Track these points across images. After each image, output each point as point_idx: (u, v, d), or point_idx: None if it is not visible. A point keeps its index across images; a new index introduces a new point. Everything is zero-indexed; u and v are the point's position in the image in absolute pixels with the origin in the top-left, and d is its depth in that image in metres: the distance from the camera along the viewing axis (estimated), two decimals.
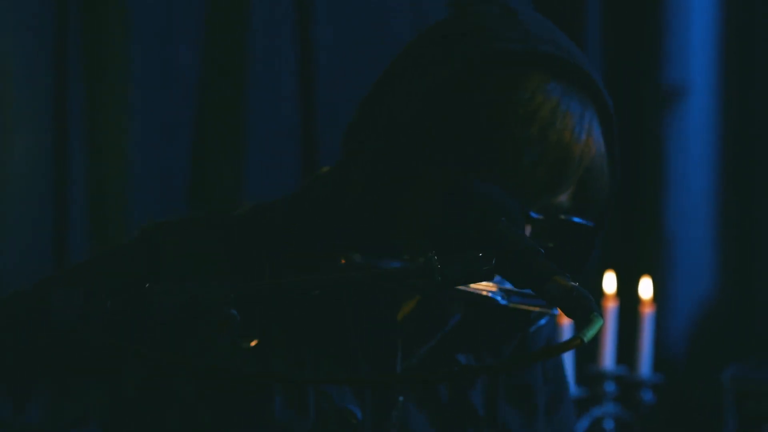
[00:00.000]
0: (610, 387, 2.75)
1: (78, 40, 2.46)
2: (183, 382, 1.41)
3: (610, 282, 2.76)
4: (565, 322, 2.64)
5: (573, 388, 2.69)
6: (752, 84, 2.97)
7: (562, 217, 1.38)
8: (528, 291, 1.36)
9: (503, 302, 1.42)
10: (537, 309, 1.45)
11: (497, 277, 1.34)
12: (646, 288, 2.77)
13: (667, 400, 2.86)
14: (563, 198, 1.38)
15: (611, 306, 2.73)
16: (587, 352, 2.68)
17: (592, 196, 1.41)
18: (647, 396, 2.76)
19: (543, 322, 1.53)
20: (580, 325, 1.16)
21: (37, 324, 1.38)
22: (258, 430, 1.39)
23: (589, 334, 1.14)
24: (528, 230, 1.37)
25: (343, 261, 1.32)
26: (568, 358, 2.68)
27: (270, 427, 1.39)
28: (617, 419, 2.77)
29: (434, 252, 1.22)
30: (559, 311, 1.34)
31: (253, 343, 1.25)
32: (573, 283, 1.19)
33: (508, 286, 1.40)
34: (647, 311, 2.76)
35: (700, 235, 2.97)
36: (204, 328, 1.26)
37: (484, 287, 1.41)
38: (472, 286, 1.38)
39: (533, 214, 1.36)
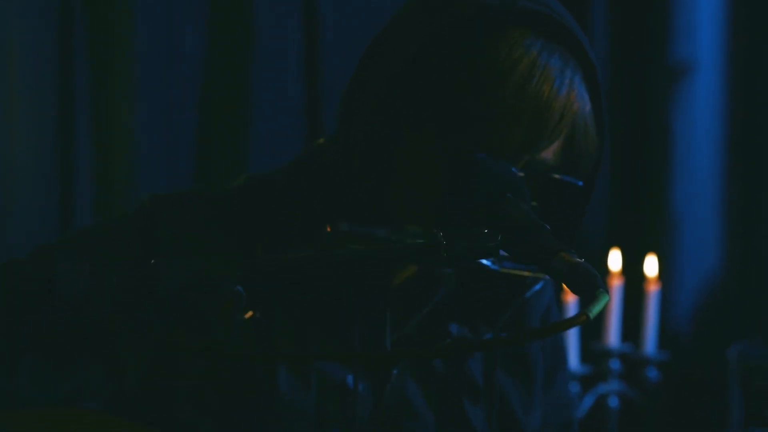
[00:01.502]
0: (615, 364, 2.75)
1: (83, 20, 2.46)
2: (188, 361, 1.41)
3: (615, 260, 2.76)
4: (570, 299, 2.64)
5: (578, 365, 2.69)
6: (760, 61, 2.97)
7: (549, 175, 1.38)
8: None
9: (494, 267, 1.42)
10: (529, 274, 1.45)
11: None
12: (651, 266, 2.77)
13: (673, 377, 2.86)
14: (548, 155, 1.38)
15: (617, 284, 2.74)
16: (592, 329, 2.68)
17: (578, 154, 1.41)
18: (652, 373, 2.77)
19: (538, 287, 1.52)
20: (585, 302, 1.16)
21: (42, 297, 1.38)
22: (263, 407, 1.40)
23: (595, 311, 1.14)
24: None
25: (328, 229, 1.32)
26: (573, 336, 2.69)
27: (275, 403, 1.40)
28: (622, 397, 2.78)
29: (440, 229, 1.23)
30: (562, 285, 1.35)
31: (248, 315, 1.25)
32: (579, 260, 1.19)
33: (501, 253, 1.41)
34: (652, 289, 2.76)
35: (706, 213, 2.97)
36: (209, 304, 1.27)
37: None
38: None
39: (515, 170, 1.35)
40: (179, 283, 1.20)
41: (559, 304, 2.57)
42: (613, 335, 2.74)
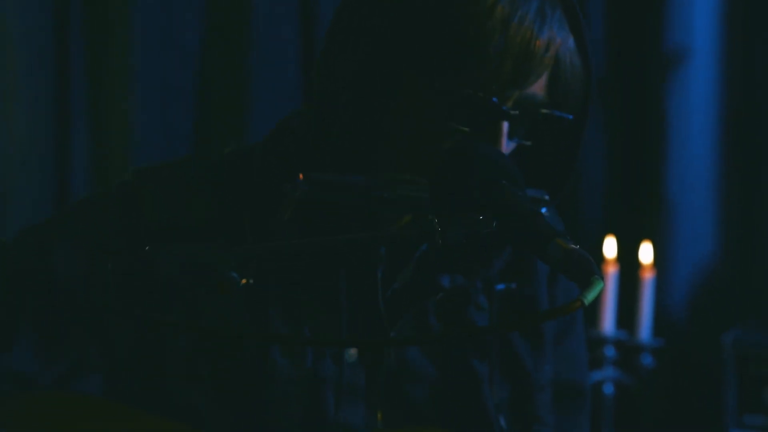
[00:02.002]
0: (610, 351, 2.75)
1: (79, 3, 2.46)
2: (178, 336, 1.42)
3: (610, 247, 2.76)
4: None
5: None
6: (756, 48, 2.96)
7: (539, 109, 1.40)
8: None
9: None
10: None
11: None
12: (646, 253, 2.78)
13: (667, 364, 2.87)
14: (537, 90, 1.40)
15: (612, 271, 2.74)
16: (587, 316, 2.68)
17: (566, 88, 1.42)
18: (647, 360, 2.77)
19: None
20: (580, 288, 1.17)
21: (39, 280, 1.39)
22: (257, 378, 1.40)
23: (590, 297, 1.15)
24: (505, 126, 1.39)
25: (300, 176, 1.33)
26: None
27: (270, 374, 1.40)
28: (617, 383, 2.78)
29: (435, 215, 1.23)
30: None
31: (244, 281, 1.25)
32: (574, 246, 1.19)
33: None
34: (647, 276, 2.77)
35: (701, 200, 2.97)
36: (205, 289, 1.27)
37: None
38: None
39: (508, 109, 1.38)
40: (175, 269, 1.20)
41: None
42: (608, 322, 2.74)
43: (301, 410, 1.41)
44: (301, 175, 1.32)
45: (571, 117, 1.43)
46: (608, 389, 2.77)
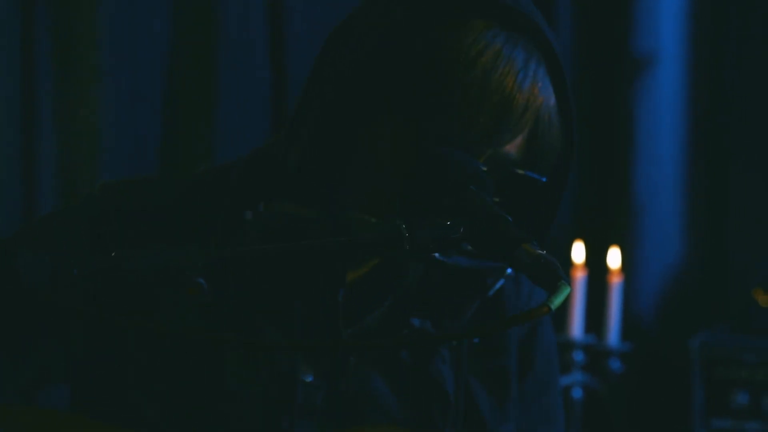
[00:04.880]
0: (578, 356, 2.76)
1: (45, 6, 2.45)
2: (136, 345, 1.41)
3: (578, 252, 2.77)
4: None
5: None
6: (723, 53, 2.98)
7: (512, 169, 1.37)
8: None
9: (455, 261, 1.42)
10: (486, 269, 1.44)
11: None
12: (614, 258, 2.79)
13: (636, 368, 2.88)
14: (512, 150, 1.37)
15: (580, 276, 2.75)
16: (555, 321, 2.69)
17: (542, 149, 1.39)
18: (615, 365, 2.78)
19: (498, 285, 1.50)
20: (547, 292, 1.16)
21: (3, 287, 1.38)
22: (209, 395, 1.39)
23: (557, 302, 1.15)
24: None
25: (261, 206, 1.32)
26: None
27: (221, 391, 1.39)
28: (586, 388, 2.79)
29: (402, 221, 1.23)
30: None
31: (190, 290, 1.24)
32: (541, 251, 1.19)
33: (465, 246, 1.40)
34: (615, 281, 2.78)
35: (669, 205, 2.98)
36: (171, 294, 1.26)
37: None
38: None
39: (478, 164, 1.33)
40: (140, 274, 1.19)
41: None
42: (576, 327, 2.75)
43: (258, 429, 1.40)
44: (262, 206, 1.31)
45: (544, 180, 1.39)
46: (577, 394, 2.78)
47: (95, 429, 1.36)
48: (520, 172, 1.38)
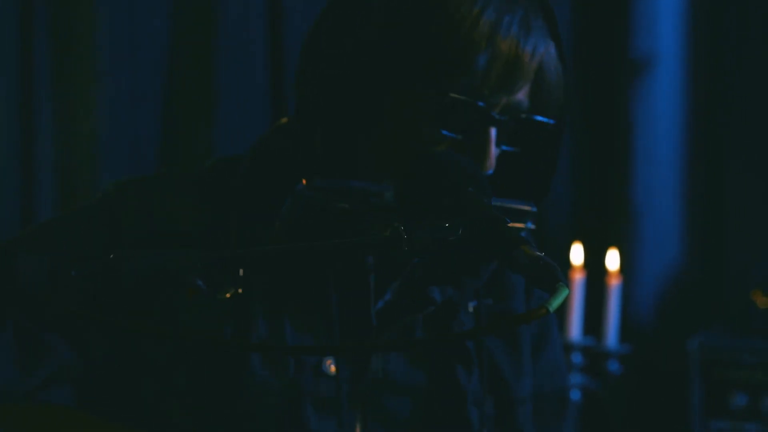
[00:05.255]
0: (577, 358, 2.76)
1: (44, 8, 2.45)
2: (153, 346, 1.41)
3: (577, 254, 2.77)
4: None
5: None
6: (722, 54, 2.98)
7: (524, 115, 1.43)
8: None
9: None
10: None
11: None
12: (612, 259, 2.79)
13: (634, 370, 2.88)
14: (523, 97, 1.43)
15: (578, 277, 2.75)
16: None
17: (548, 94, 1.46)
18: (614, 366, 2.78)
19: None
20: (546, 295, 1.17)
21: (4, 288, 1.38)
22: (236, 389, 1.40)
23: (555, 304, 1.15)
24: (493, 132, 1.41)
25: (304, 181, 1.34)
26: None
27: (249, 384, 1.40)
28: (584, 390, 2.79)
29: (401, 222, 1.23)
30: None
31: (228, 295, 1.26)
32: (539, 253, 1.20)
33: None
34: (614, 283, 2.78)
35: (667, 207, 2.98)
36: (171, 296, 1.26)
37: None
38: None
39: (496, 115, 1.40)
40: (140, 275, 1.19)
41: None
42: (575, 329, 2.75)
43: (280, 422, 1.41)
44: (304, 181, 1.33)
45: (554, 122, 1.45)
46: (575, 395, 2.77)
47: (99, 427, 1.37)
48: (532, 116, 1.44)
